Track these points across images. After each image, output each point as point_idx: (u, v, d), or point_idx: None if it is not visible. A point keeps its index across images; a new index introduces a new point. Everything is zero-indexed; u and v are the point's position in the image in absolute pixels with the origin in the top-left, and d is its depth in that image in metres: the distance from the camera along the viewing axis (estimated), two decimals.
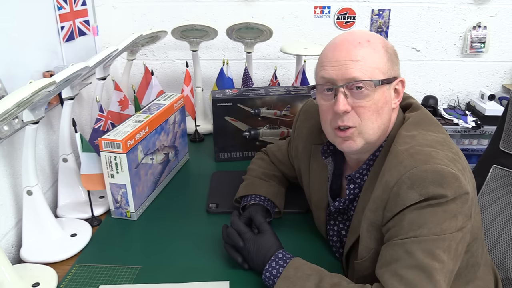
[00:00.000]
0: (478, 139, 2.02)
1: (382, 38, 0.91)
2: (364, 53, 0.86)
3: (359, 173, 0.96)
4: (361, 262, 0.91)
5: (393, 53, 0.90)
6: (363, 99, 0.86)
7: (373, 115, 0.88)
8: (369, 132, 0.89)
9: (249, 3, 1.99)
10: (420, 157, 0.81)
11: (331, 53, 0.89)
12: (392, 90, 0.90)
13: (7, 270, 0.92)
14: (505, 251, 1.18)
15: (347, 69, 0.85)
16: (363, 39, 0.87)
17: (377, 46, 0.87)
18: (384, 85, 0.87)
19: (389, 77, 0.88)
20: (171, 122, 1.41)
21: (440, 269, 0.78)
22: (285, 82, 2.11)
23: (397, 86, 0.91)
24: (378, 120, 0.88)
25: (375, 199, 0.86)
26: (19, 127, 1.10)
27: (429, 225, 0.79)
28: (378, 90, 0.86)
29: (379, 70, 0.86)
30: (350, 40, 0.88)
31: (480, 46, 2.05)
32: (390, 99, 0.90)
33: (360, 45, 0.86)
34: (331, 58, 0.88)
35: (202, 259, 1.06)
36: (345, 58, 0.86)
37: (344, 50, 0.87)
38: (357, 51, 0.86)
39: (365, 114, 0.87)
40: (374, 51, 0.87)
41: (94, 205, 1.23)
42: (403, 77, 0.91)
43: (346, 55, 0.86)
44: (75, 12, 1.49)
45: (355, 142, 0.90)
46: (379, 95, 0.87)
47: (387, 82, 0.87)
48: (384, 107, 0.88)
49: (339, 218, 1.06)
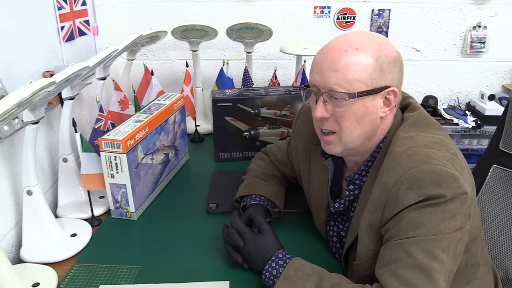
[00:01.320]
0: (478, 139, 2.02)
1: (379, 45, 0.86)
2: (347, 63, 0.84)
3: (358, 174, 0.96)
4: (360, 263, 0.91)
5: (386, 62, 0.86)
6: (341, 108, 0.87)
7: (351, 124, 0.88)
8: (348, 140, 0.90)
9: (249, 3, 1.99)
10: (418, 158, 0.81)
11: (318, 59, 0.89)
12: (380, 100, 0.88)
13: (7, 270, 0.92)
14: (505, 251, 1.18)
15: (327, 78, 0.86)
16: (352, 46, 0.85)
17: (365, 56, 0.85)
18: (366, 97, 0.86)
19: (374, 88, 0.86)
20: (171, 122, 1.41)
21: (440, 269, 0.78)
22: (285, 82, 2.11)
23: (388, 96, 0.88)
24: (357, 129, 0.89)
25: (374, 201, 0.86)
26: (19, 127, 1.10)
27: (428, 225, 0.79)
28: (357, 101, 0.86)
29: (360, 82, 0.85)
30: (337, 47, 0.86)
31: (480, 46, 2.05)
32: (375, 109, 0.88)
33: (346, 53, 0.85)
34: (317, 63, 0.89)
35: (202, 259, 1.06)
36: (328, 66, 0.86)
37: (329, 57, 0.86)
38: (339, 61, 0.85)
39: (343, 123, 0.88)
40: (359, 61, 0.84)
41: (94, 205, 1.23)
42: (395, 87, 0.88)
43: (330, 63, 0.86)
44: (75, 12, 1.49)
45: (335, 147, 0.93)
46: (359, 106, 0.86)
47: (368, 93, 0.86)
48: (365, 117, 0.88)
49: (339, 219, 1.06)
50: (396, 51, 0.89)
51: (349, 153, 0.95)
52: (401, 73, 0.90)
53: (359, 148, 0.93)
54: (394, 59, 0.87)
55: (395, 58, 0.88)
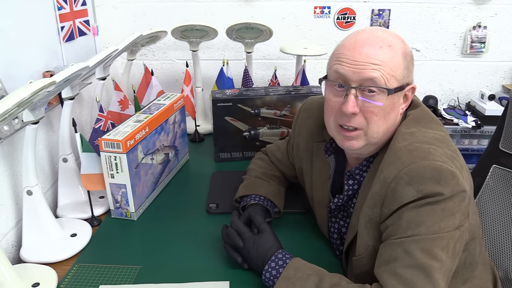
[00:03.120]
0: (478, 139, 2.02)
1: (403, 43, 0.89)
2: (383, 58, 0.85)
3: (359, 169, 0.97)
4: (359, 258, 0.91)
5: (410, 60, 0.89)
6: (373, 103, 0.86)
7: (380, 119, 0.88)
8: (374, 135, 0.89)
9: (249, 3, 1.99)
10: (418, 154, 0.81)
11: (350, 51, 0.86)
12: (402, 96, 0.90)
13: (7, 270, 0.92)
14: (505, 251, 1.18)
15: (365, 70, 0.85)
16: (384, 43, 0.86)
17: (397, 53, 0.86)
18: (396, 93, 0.87)
19: (403, 84, 0.88)
20: (171, 122, 1.41)
21: (439, 268, 0.78)
22: (285, 82, 2.11)
23: (407, 92, 0.91)
24: (384, 125, 0.89)
25: (373, 195, 0.86)
26: (19, 127, 1.10)
27: (427, 223, 0.79)
28: (389, 97, 0.86)
29: (395, 78, 0.86)
30: (371, 42, 0.86)
31: (480, 46, 2.05)
32: (398, 105, 0.90)
33: (381, 49, 0.85)
34: (349, 56, 0.86)
35: (202, 259, 1.06)
36: (364, 60, 0.85)
37: (365, 51, 0.85)
38: (376, 56, 0.85)
39: (372, 118, 0.87)
40: (393, 57, 0.86)
41: (94, 205, 1.23)
42: (414, 84, 0.91)
43: (366, 57, 0.85)
44: (75, 12, 1.49)
45: (357, 142, 0.90)
46: (389, 102, 0.87)
47: (400, 89, 0.87)
48: (391, 112, 0.88)
49: (339, 216, 1.06)
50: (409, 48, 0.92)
51: (366, 149, 0.93)
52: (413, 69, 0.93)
53: (376, 144, 0.92)
54: (412, 56, 0.91)
55: (412, 55, 0.91)
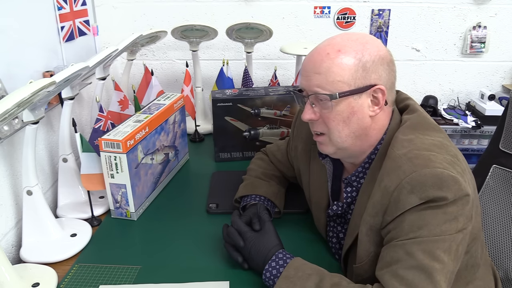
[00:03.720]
0: (478, 139, 2.02)
1: (363, 45, 0.87)
2: (328, 65, 0.86)
3: (355, 176, 0.96)
4: (361, 265, 0.91)
5: (370, 61, 0.86)
6: (326, 109, 0.89)
7: (338, 124, 0.90)
8: (337, 140, 0.91)
9: (249, 3, 1.99)
10: (419, 161, 0.81)
11: (305, 63, 0.92)
12: (367, 99, 0.88)
13: (7, 270, 0.92)
14: (505, 251, 1.18)
15: (311, 81, 0.89)
16: (334, 48, 0.87)
17: (347, 56, 0.86)
18: (350, 96, 0.87)
19: (358, 87, 0.87)
20: (171, 122, 1.41)
21: (441, 269, 0.78)
22: (285, 82, 2.11)
23: (375, 94, 0.88)
24: (345, 129, 0.90)
25: (375, 204, 0.86)
26: (19, 127, 1.10)
27: (429, 226, 0.79)
28: (341, 101, 0.87)
29: (342, 82, 0.86)
30: (320, 51, 0.89)
31: (480, 46, 2.05)
32: (362, 108, 0.88)
33: (328, 56, 0.87)
34: (304, 67, 0.92)
35: (202, 259, 1.06)
36: (311, 69, 0.89)
37: (312, 61, 0.89)
38: (321, 64, 0.87)
39: (330, 124, 0.90)
40: (340, 62, 0.86)
41: (94, 205, 1.23)
42: (382, 86, 0.88)
43: (313, 67, 0.89)
44: (75, 12, 1.49)
45: (326, 147, 0.95)
46: (344, 106, 0.88)
47: (351, 93, 0.87)
48: (352, 117, 0.89)
49: (337, 221, 1.06)
50: (384, 50, 0.89)
51: (343, 154, 0.96)
52: (391, 71, 0.90)
53: (352, 148, 0.93)
54: (380, 57, 0.88)
55: (381, 56, 0.88)
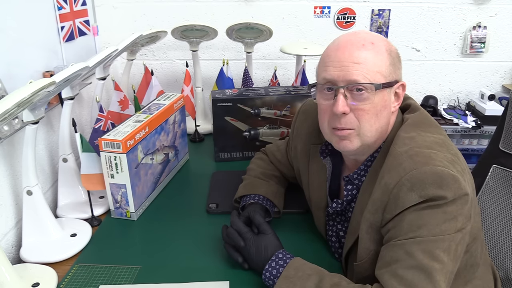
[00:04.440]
0: (478, 139, 2.02)
1: (387, 41, 0.90)
2: (367, 55, 0.85)
3: (357, 174, 0.96)
4: (361, 263, 0.91)
5: (396, 57, 0.89)
6: (363, 101, 0.86)
7: (371, 118, 0.88)
8: (367, 134, 0.89)
9: (249, 3, 1.99)
10: (419, 159, 0.81)
11: (333, 53, 0.88)
12: (392, 94, 0.90)
13: (7, 270, 0.92)
14: (505, 251, 1.18)
15: (348, 71, 0.85)
16: (367, 41, 0.87)
17: (381, 49, 0.87)
18: (384, 89, 0.87)
19: (390, 81, 0.88)
20: (171, 122, 1.41)
21: (440, 269, 0.78)
22: (285, 82, 2.11)
23: (398, 90, 0.91)
24: (376, 123, 0.88)
25: (375, 201, 0.86)
26: (19, 127, 1.10)
27: (429, 226, 0.79)
28: (378, 93, 0.86)
29: (381, 74, 0.86)
30: (353, 42, 0.87)
31: (480, 46, 2.05)
32: (390, 103, 0.90)
33: (364, 47, 0.86)
34: (333, 58, 0.88)
35: (202, 259, 1.06)
36: (347, 59, 0.86)
37: (347, 51, 0.86)
38: (360, 53, 0.85)
39: (363, 117, 0.87)
40: (377, 54, 0.86)
41: (94, 205, 1.23)
42: (404, 81, 0.91)
43: (349, 56, 0.86)
44: (75, 12, 1.49)
45: (351, 142, 0.90)
46: (379, 99, 0.87)
47: (388, 85, 0.87)
48: (383, 110, 0.88)
49: (337, 219, 1.06)
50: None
51: (362, 151, 0.93)
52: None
53: (373, 145, 0.92)
54: (398, 55, 0.91)
55: (399, 54, 0.92)
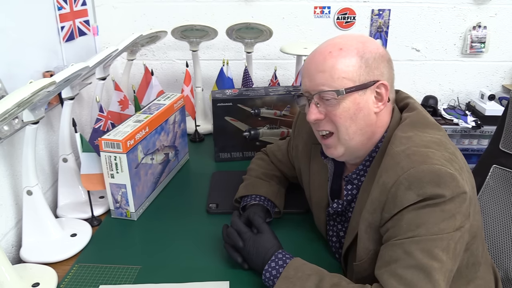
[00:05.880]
0: (478, 139, 2.02)
1: (363, 43, 0.89)
2: (332, 63, 0.88)
3: (356, 174, 0.97)
4: (360, 263, 0.91)
5: (371, 58, 0.88)
6: (333, 107, 0.89)
7: (346, 121, 0.90)
8: (345, 138, 0.91)
9: (249, 3, 1.99)
10: (417, 158, 0.81)
11: (306, 64, 0.93)
12: (371, 95, 0.90)
13: (7, 270, 0.92)
14: (505, 251, 1.18)
15: (315, 80, 0.90)
16: (336, 47, 0.89)
17: (349, 54, 0.88)
18: (355, 92, 0.88)
19: (362, 83, 0.88)
20: (171, 122, 1.41)
21: (439, 268, 0.78)
22: (285, 82, 2.11)
23: (378, 90, 0.90)
24: (353, 126, 0.90)
25: (373, 201, 0.86)
26: (19, 127, 1.10)
27: (427, 225, 0.79)
28: (347, 97, 0.88)
29: (347, 79, 0.87)
30: (321, 51, 0.90)
31: (480, 46, 2.05)
32: (367, 104, 0.90)
33: (330, 54, 0.88)
34: (305, 69, 0.93)
35: (202, 259, 1.06)
36: (314, 69, 0.90)
37: (314, 61, 0.90)
38: (325, 62, 0.88)
39: (338, 122, 0.90)
40: (343, 59, 0.87)
41: (94, 205, 1.23)
42: (384, 81, 0.90)
43: (315, 66, 0.90)
44: (75, 12, 1.49)
45: (336, 149, 0.94)
46: (350, 103, 0.88)
47: (356, 89, 0.88)
48: (358, 113, 0.89)
49: (337, 219, 1.06)
50: (382, 48, 0.92)
51: (350, 155, 0.95)
52: (391, 69, 0.93)
53: (359, 148, 0.93)
54: (380, 55, 0.90)
55: (381, 54, 0.91)
